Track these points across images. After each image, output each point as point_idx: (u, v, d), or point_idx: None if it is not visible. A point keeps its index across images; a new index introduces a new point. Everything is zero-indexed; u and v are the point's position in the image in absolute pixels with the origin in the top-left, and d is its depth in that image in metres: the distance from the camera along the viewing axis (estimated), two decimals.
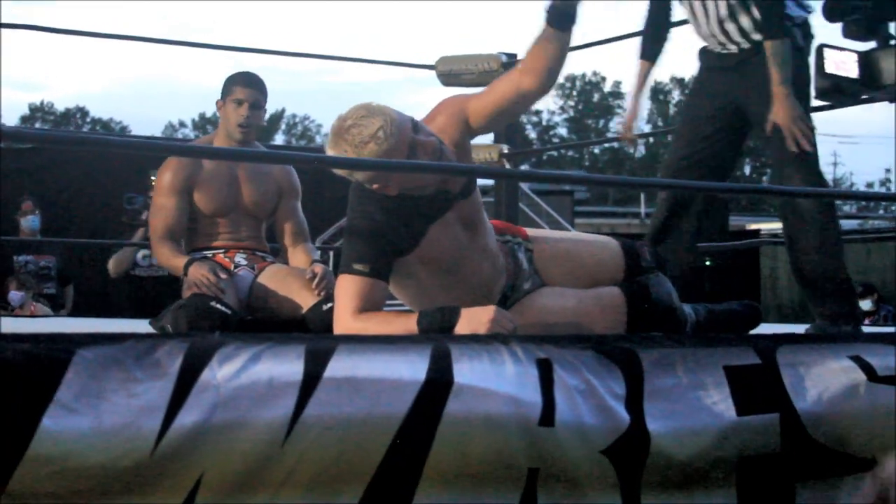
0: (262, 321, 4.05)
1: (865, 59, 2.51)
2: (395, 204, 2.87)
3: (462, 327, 2.72)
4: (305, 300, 3.93)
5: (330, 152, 2.82)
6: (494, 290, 3.08)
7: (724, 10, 3.95)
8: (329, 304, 3.81)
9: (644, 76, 4.28)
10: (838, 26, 2.70)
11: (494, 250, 3.09)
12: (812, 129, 3.81)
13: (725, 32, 3.97)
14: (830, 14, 2.73)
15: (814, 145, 3.81)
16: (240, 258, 4.13)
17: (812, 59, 3.90)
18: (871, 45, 2.52)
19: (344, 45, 72.00)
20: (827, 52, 3.84)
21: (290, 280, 4.03)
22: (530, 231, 3.25)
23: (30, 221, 7.52)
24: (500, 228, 3.20)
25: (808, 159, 3.81)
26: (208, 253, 4.11)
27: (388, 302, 3.08)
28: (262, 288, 4.07)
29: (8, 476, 1.89)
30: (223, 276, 3.92)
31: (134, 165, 8.45)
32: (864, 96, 2.55)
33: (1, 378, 1.90)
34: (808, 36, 3.98)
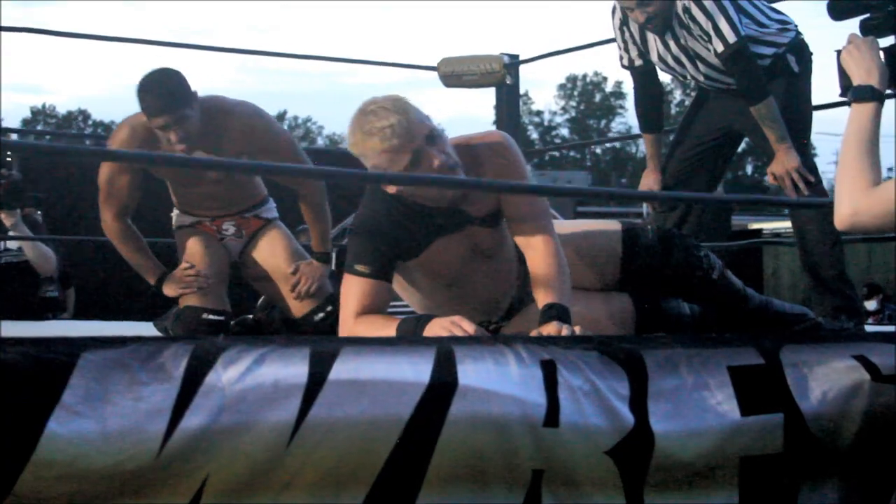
0: (262, 322, 4.06)
1: (891, 56, 2.51)
2: (404, 208, 2.86)
3: (427, 331, 2.71)
4: (296, 307, 3.93)
5: (348, 128, 2.82)
6: (502, 305, 3.06)
7: (702, 77, 4.00)
8: (320, 315, 3.81)
9: (654, 147, 4.29)
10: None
11: (509, 269, 3.04)
12: (812, 172, 3.88)
13: (712, 80, 4.00)
14: (836, 14, 2.72)
15: (814, 181, 3.87)
16: (228, 225, 4.08)
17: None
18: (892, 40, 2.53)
19: (346, 47, 72.02)
20: None
21: (280, 267, 4.01)
22: None
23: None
24: None
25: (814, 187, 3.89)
26: (194, 220, 4.08)
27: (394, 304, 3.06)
28: (252, 259, 4.05)
29: (14, 479, 1.89)
30: (198, 276, 3.89)
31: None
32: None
33: (7, 381, 1.91)
34: (804, 56, 4.01)
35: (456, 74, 6.07)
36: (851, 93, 2.45)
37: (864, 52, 2.48)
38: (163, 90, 3.66)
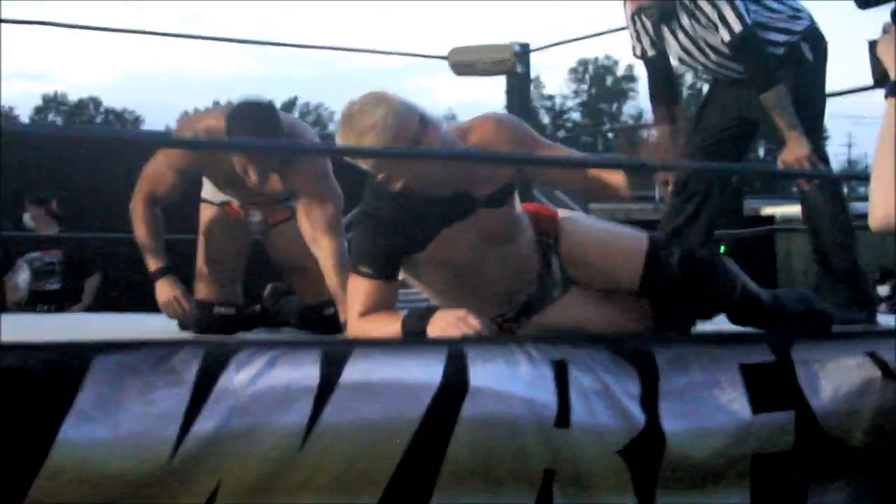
0: (270, 312, 4.04)
1: None
2: (407, 201, 2.84)
3: (432, 327, 2.66)
4: (310, 293, 3.90)
5: (337, 137, 2.79)
6: (518, 298, 3.01)
7: (713, 66, 3.98)
8: (331, 310, 3.78)
9: (668, 138, 4.25)
10: None
11: (523, 260, 2.97)
12: (824, 161, 3.85)
13: (724, 68, 3.98)
14: (862, 4, 2.69)
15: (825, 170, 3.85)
16: (255, 212, 3.98)
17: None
18: None
19: (358, 30, 72.06)
20: None
21: (300, 259, 3.96)
22: (563, 221, 3.06)
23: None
24: (533, 215, 3.06)
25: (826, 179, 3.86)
26: (223, 199, 3.96)
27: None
28: (274, 242, 4.01)
29: (28, 485, 1.91)
30: (188, 305, 3.76)
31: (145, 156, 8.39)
32: None
33: (20, 387, 1.92)
34: (818, 45, 3.97)
35: (466, 64, 6.06)
36: (888, 88, 2.36)
37: None
38: (254, 130, 3.52)
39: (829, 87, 4.11)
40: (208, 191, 4.00)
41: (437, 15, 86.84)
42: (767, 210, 17.40)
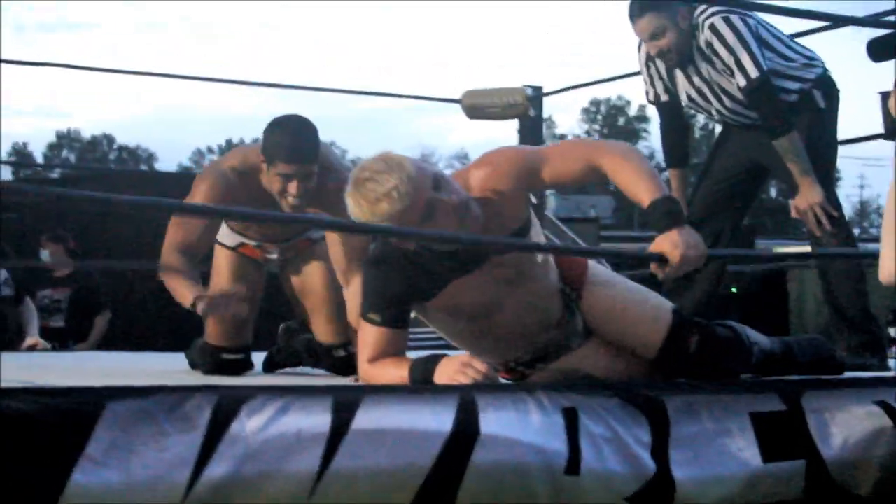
0: (283, 352, 4.03)
1: None
2: (416, 254, 2.80)
3: (439, 375, 2.64)
4: (322, 335, 3.87)
5: (348, 200, 2.74)
6: (536, 342, 2.97)
7: (727, 112, 4.00)
8: (341, 353, 3.77)
9: (679, 182, 4.26)
10: None
11: (543, 305, 2.94)
12: (836, 207, 3.87)
13: (737, 114, 4.01)
14: (875, 56, 2.71)
15: (837, 216, 3.85)
16: (273, 250, 3.91)
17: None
18: None
19: (370, 69, 72.27)
20: None
21: (314, 289, 3.95)
22: (590, 278, 3.02)
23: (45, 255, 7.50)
24: (564, 264, 3.02)
25: (837, 222, 3.87)
26: (238, 241, 3.90)
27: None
28: (289, 276, 3.95)
29: None
30: (238, 307, 3.57)
31: (161, 193, 8.39)
32: None
33: (32, 433, 1.93)
34: (831, 92, 4.00)
35: (479, 107, 6.07)
36: None
37: None
38: (299, 137, 3.47)
39: (843, 130, 4.14)
40: (223, 233, 3.98)
41: (451, 55, 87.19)
42: (779, 250, 17.36)
